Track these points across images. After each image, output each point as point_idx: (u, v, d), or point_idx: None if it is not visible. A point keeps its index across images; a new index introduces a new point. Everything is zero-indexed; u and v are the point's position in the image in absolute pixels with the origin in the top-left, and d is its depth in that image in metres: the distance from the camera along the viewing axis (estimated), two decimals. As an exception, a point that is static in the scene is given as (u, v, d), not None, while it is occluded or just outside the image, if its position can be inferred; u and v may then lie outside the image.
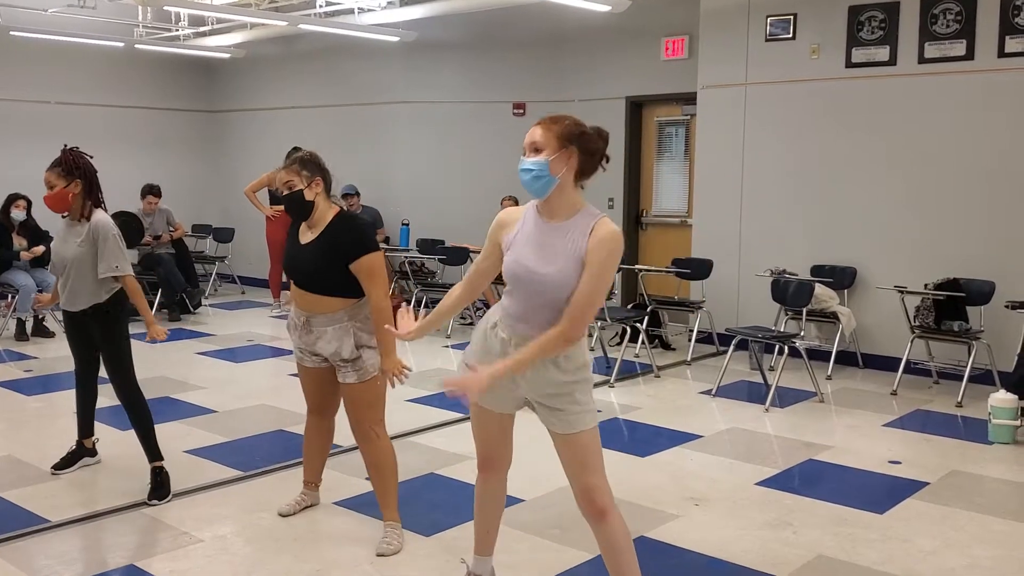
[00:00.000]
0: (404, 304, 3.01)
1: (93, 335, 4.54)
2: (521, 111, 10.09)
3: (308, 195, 3.83)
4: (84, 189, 4.42)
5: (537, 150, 2.84)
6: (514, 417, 3.19)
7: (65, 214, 4.52)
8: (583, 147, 2.85)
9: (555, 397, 2.94)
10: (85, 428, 4.91)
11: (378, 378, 3.88)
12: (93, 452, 4.95)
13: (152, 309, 5.01)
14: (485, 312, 3.15)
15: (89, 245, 4.38)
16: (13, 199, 8.51)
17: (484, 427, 3.18)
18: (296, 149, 9.92)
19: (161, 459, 4.55)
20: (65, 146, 4.52)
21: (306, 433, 4.31)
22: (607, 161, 2.93)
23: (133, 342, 4.63)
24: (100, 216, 4.46)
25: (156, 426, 4.59)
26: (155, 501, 4.39)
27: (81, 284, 4.44)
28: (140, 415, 4.55)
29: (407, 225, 10.35)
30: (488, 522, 3.37)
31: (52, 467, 4.82)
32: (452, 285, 10.48)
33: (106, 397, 4.93)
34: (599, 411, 3.06)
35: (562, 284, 2.82)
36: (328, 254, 3.81)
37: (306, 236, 3.89)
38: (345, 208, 4.07)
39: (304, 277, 3.87)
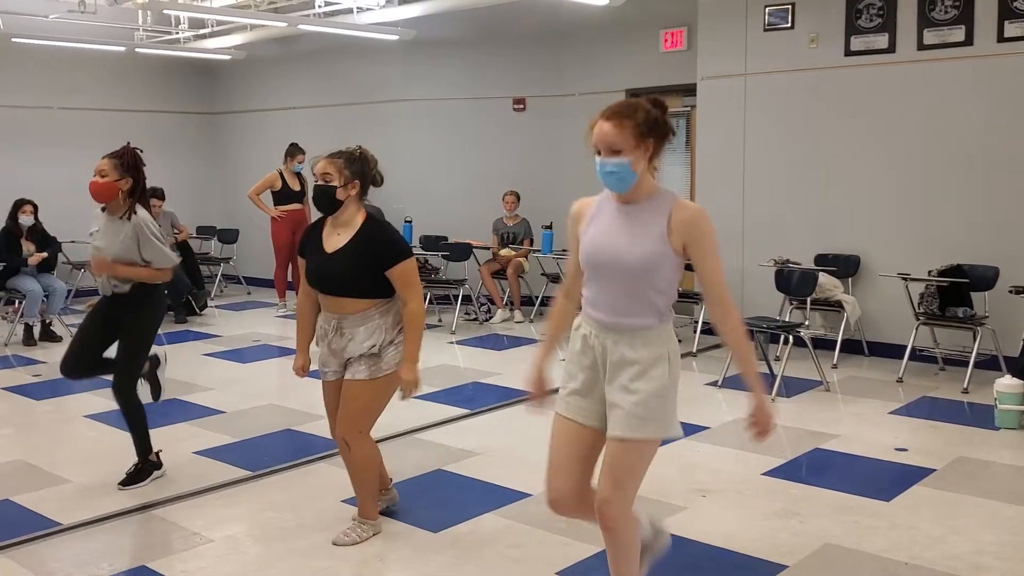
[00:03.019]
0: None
1: (122, 319, 4.60)
2: (521, 106, 10.10)
3: (340, 195, 3.78)
4: (131, 188, 4.60)
5: (615, 151, 2.73)
6: (603, 441, 2.91)
7: (103, 206, 4.66)
8: (658, 135, 2.77)
9: (624, 391, 2.81)
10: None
11: (382, 385, 3.81)
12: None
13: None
14: (490, 308, 3.14)
15: (133, 242, 4.55)
16: (20, 204, 8.54)
17: (563, 444, 2.97)
18: (294, 145, 10.00)
19: (151, 451, 4.67)
20: (128, 143, 4.69)
21: None
22: (674, 135, 2.86)
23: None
24: (142, 213, 4.63)
25: (165, 427, 4.63)
26: (122, 486, 4.55)
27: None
28: (135, 414, 4.63)
29: (410, 222, 10.35)
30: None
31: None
32: (456, 281, 10.35)
33: (105, 399, 4.95)
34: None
35: (647, 265, 2.77)
36: (360, 261, 3.73)
37: (333, 241, 3.81)
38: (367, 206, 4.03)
39: (334, 284, 3.77)
